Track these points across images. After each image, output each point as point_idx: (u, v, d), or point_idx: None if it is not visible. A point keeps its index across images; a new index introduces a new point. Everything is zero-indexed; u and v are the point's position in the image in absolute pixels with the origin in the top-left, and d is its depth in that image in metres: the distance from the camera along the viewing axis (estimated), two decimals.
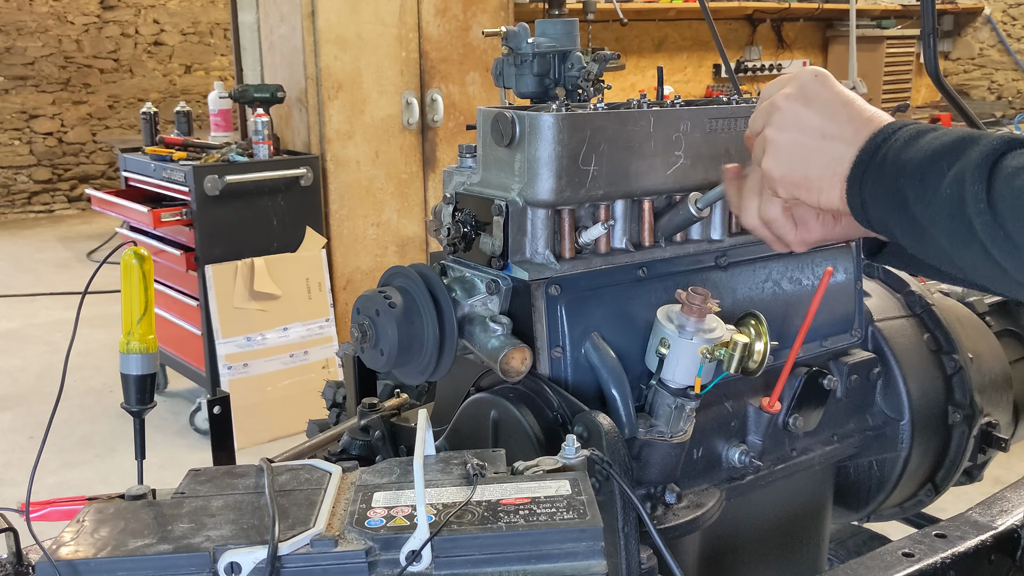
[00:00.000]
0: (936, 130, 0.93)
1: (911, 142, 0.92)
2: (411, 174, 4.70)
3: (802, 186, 1.01)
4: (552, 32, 1.41)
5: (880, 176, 0.94)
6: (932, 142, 0.91)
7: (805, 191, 1.01)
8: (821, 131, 0.99)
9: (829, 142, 0.99)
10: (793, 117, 1.01)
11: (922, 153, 0.90)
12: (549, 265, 1.22)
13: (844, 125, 0.98)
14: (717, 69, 7.33)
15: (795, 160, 1.01)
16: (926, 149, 0.91)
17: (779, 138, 1.02)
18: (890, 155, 0.93)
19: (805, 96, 1.01)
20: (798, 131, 1.01)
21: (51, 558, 0.88)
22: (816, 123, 1.00)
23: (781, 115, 1.02)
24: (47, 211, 9.79)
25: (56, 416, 1.19)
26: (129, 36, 9.99)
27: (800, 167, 1.01)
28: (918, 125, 0.94)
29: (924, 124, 0.95)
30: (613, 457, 1.08)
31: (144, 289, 1.14)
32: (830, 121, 0.99)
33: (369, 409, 1.50)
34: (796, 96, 1.02)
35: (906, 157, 0.92)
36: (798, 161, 1.01)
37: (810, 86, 1.02)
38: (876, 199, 0.94)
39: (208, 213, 4.03)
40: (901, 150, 0.92)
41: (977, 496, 1.49)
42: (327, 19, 4.32)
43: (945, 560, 1.28)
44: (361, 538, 0.90)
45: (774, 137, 1.03)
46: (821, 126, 0.99)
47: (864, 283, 1.54)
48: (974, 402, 1.58)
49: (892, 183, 0.92)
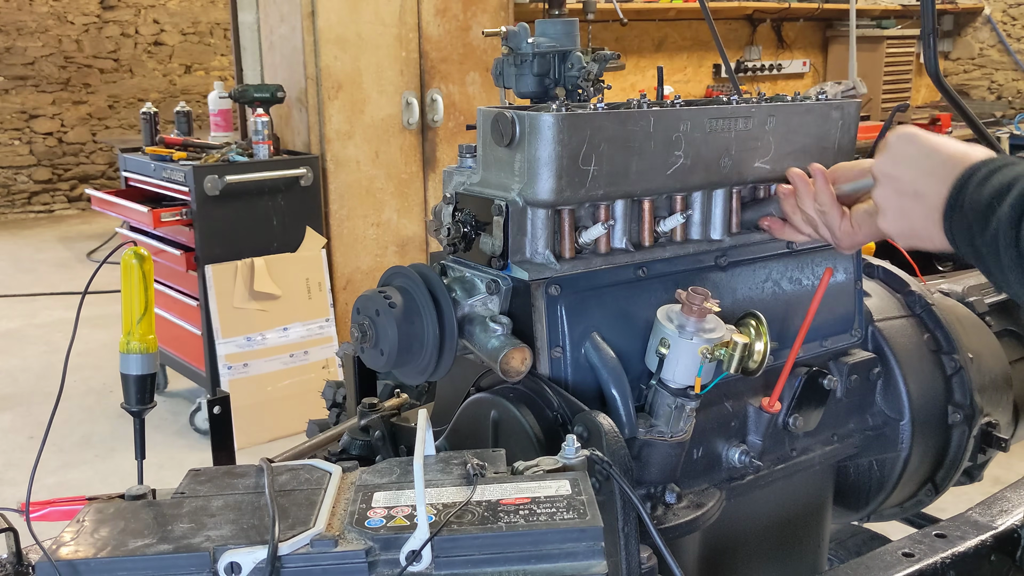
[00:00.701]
0: (1005, 167, 1.03)
1: (984, 182, 1.04)
2: (411, 174, 4.70)
3: (913, 237, 1.15)
4: (552, 32, 1.41)
5: (960, 220, 1.06)
6: (996, 180, 1.02)
7: (917, 240, 1.15)
8: (913, 188, 1.12)
9: (922, 197, 1.11)
10: (888, 180, 1.16)
11: (986, 195, 1.02)
12: (549, 265, 1.22)
13: (931, 179, 1.10)
14: (717, 69, 7.32)
15: (900, 218, 1.15)
16: (991, 189, 1.02)
17: (882, 202, 1.17)
18: (968, 197, 1.05)
19: (895, 159, 1.15)
20: (895, 192, 1.15)
21: (51, 558, 0.88)
22: (908, 183, 1.13)
23: (880, 181, 1.17)
24: (47, 211, 9.79)
25: (56, 416, 1.19)
26: (129, 36, 9.98)
27: (905, 222, 1.15)
28: (993, 164, 1.04)
29: (1000, 160, 1.04)
30: (613, 457, 1.08)
31: (144, 289, 1.14)
32: (920, 178, 1.11)
33: (369, 409, 1.50)
34: (888, 161, 1.16)
35: (978, 197, 1.04)
36: (902, 218, 1.15)
37: (898, 148, 1.15)
38: (961, 239, 1.07)
39: (208, 213, 4.03)
40: (976, 190, 1.04)
41: (977, 496, 1.49)
42: (327, 19, 4.32)
43: (945, 560, 1.28)
44: (361, 538, 0.90)
45: (879, 200, 1.18)
46: (912, 184, 1.12)
47: (864, 283, 1.55)
48: (974, 402, 1.58)
49: (967, 222, 1.05)
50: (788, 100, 1.39)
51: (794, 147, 1.38)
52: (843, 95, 1.48)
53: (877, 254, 1.77)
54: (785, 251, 1.43)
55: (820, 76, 7.86)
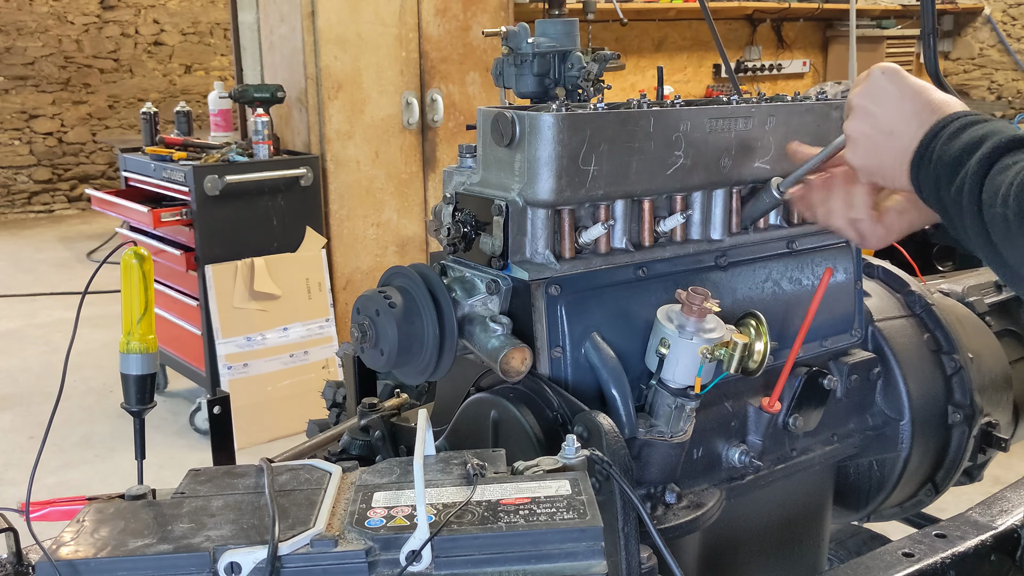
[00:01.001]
0: (979, 123, 1.03)
1: (955, 135, 1.04)
2: (411, 174, 4.70)
3: (877, 174, 1.15)
4: (552, 32, 1.41)
5: (928, 167, 1.06)
6: (968, 135, 1.02)
7: (880, 177, 1.15)
8: (889, 127, 1.11)
9: (896, 138, 1.10)
10: (864, 114, 1.14)
11: (957, 147, 1.02)
12: (549, 265, 1.22)
13: (909, 121, 1.09)
14: (717, 69, 7.33)
15: (869, 152, 1.14)
16: (961, 143, 1.02)
17: (854, 134, 1.16)
18: (937, 148, 1.05)
19: (874, 95, 1.13)
20: (869, 127, 1.13)
21: (51, 558, 0.88)
22: (884, 120, 1.12)
23: (855, 113, 1.15)
24: (47, 211, 9.79)
25: (56, 416, 1.19)
26: (129, 36, 9.98)
27: (874, 158, 1.14)
28: (967, 118, 1.04)
29: (973, 116, 1.05)
30: (613, 457, 1.08)
31: (144, 289, 1.14)
32: (897, 118, 1.11)
33: (369, 409, 1.50)
34: (866, 94, 1.14)
35: (946, 150, 1.03)
36: (871, 153, 1.14)
37: (879, 84, 1.13)
38: (926, 186, 1.07)
39: (208, 213, 4.03)
40: (946, 143, 1.04)
41: (977, 496, 1.49)
42: (327, 19, 4.32)
43: (945, 560, 1.28)
44: (361, 538, 0.90)
45: (850, 132, 1.16)
46: (889, 122, 1.11)
47: (864, 283, 1.55)
48: (974, 402, 1.58)
49: (934, 174, 1.05)
50: (788, 100, 1.39)
51: None
52: (843, 95, 1.48)
53: (877, 254, 1.77)
54: (785, 251, 1.43)
55: (820, 76, 7.86)
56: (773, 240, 1.42)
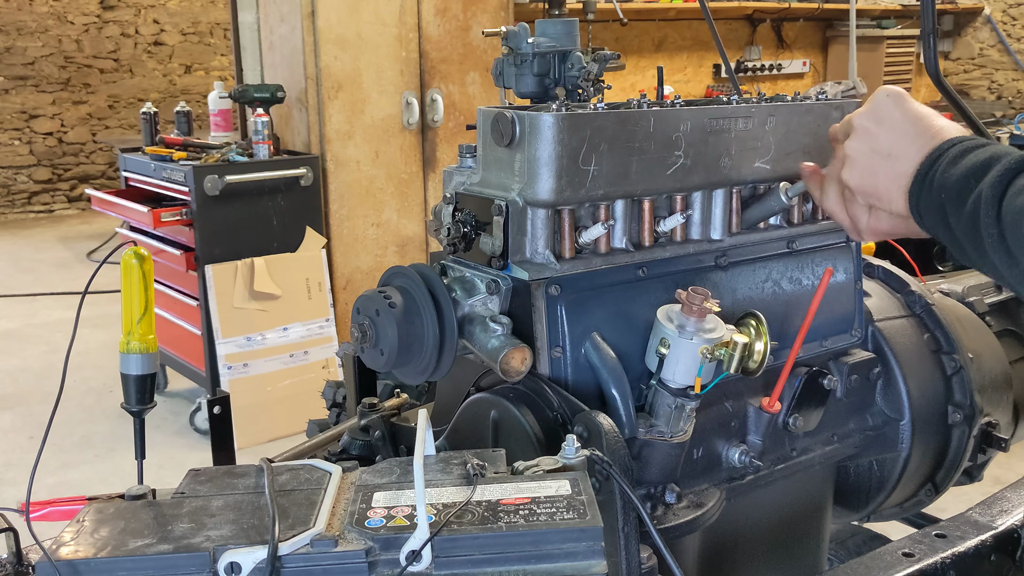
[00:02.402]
0: (981, 147, 1.02)
1: (956, 160, 1.03)
2: (411, 174, 4.70)
3: (873, 195, 1.15)
4: (552, 32, 1.41)
5: (930, 193, 1.06)
6: (971, 160, 1.01)
7: (876, 199, 1.15)
8: (889, 150, 1.12)
9: (895, 160, 1.11)
10: (865, 134, 1.15)
11: (960, 172, 1.02)
12: (549, 265, 1.22)
13: (909, 145, 1.10)
14: (717, 69, 7.32)
15: (866, 174, 1.15)
16: (964, 168, 1.01)
17: (854, 154, 1.16)
18: (939, 174, 1.05)
19: (877, 116, 1.14)
20: (870, 148, 1.14)
21: (51, 558, 0.88)
22: (884, 142, 1.12)
23: (856, 133, 1.16)
24: (47, 211, 9.79)
25: (56, 416, 1.19)
26: (129, 36, 9.98)
27: (871, 180, 1.14)
28: (969, 142, 1.04)
29: (975, 140, 1.04)
30: (613, 457, 1.08)
31: (144, 289, 1.14)
32: (897, 141, 1.11)
33: (369, 409, 1.50)
34: (869, 115, 1.15)
35: (949, 176, 1.03)
36: (868, 175, 1.14)
37: (882, 107, 1.14)
38: (928, 212, 1.07)
39: (208, 213, 4.03)
40: (947, 169, 1.04)
41: (977, 496, 1.49)
42: (327, 19, 4.32)
43: (945, 560, 1.28)
44: (361, 538, 0.90)
45: (850, 152, 1.16)
46: (889, 145, 1.12)
47: (864, 283, 1.54)
48: (974, 402, 1.58)
49: (938, 199, 1.04)
50: (788, 100, 1.39)
51: (794, 147, 1.38)
52: (843, 95, 1.48)
53: (877, 254, 1.77)
54: (785, 251, 1.43)
55: (820, 76, 7.86)
56: (773, 240, 1.42)
